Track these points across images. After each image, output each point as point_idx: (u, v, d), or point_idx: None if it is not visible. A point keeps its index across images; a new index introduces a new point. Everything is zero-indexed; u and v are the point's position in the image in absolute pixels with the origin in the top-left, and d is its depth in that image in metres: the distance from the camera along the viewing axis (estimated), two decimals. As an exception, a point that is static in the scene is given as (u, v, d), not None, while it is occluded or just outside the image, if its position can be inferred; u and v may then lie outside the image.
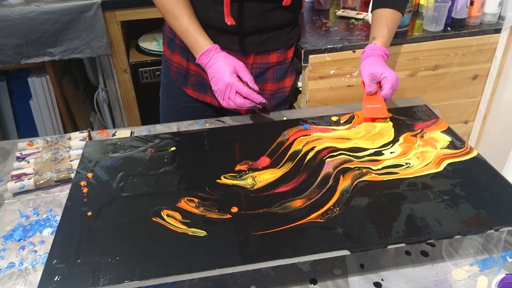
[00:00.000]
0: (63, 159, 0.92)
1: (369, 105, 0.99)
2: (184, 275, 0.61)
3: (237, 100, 0.95)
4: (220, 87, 0.96)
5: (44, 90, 1.84)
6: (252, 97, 0.94)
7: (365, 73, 0.99)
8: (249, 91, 0.94)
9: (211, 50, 0.98)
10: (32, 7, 1.60)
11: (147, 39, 2.01)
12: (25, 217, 0.81)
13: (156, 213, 0.72)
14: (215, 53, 0.98)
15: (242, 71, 0.97)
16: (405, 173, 0.80)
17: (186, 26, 0.99)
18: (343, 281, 0.69)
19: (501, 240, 0.71)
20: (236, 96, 0.95)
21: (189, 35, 0.99)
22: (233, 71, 0.96)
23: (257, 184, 0.78)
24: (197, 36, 0.99)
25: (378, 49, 1.02)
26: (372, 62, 1.00)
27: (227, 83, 0.94)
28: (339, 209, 0.72)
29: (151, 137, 0.94)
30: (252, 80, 0.97)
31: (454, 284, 0.68)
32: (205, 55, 0.98)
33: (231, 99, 0.95)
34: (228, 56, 0.99)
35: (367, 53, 1.03)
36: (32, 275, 0.69)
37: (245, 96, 0.95)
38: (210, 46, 0.99)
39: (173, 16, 1.00)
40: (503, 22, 1.36)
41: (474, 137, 1.58)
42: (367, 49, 1.04)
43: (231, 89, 0.95)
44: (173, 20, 1.01)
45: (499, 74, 1.42)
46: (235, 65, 0.97)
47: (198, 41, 0.99)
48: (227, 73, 0.95)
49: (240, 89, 0.94)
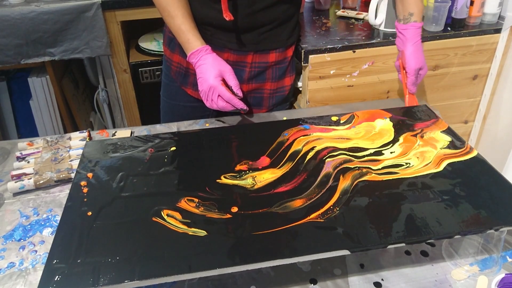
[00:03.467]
0: (63, 159, 0.92)
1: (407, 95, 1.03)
2: (184, 275, 0.61)
3: (219, 103, 0.97)
4: (204, 88, 0.98)
5: (44, 90, 1.84)
6: (233, 103, 0.96)
7: (412, 65, 0.97)
8: (230, 97, 0.96)
9: (201, 50, 1.00)
10: (32, 7, 1.60)
11: (147, 39, 2.01)
12: (25, 217, 0.81)
13: (156, 213, 0.72)
14: (205, 54, 0.99)
15: (228, 75, 0.98)
16: (405, 173, 0.80)
17: (179, 25, 1.00)
18: (343, 281, 0.69)
19: (501, 240, 0.71)
20: (218, 99, 0.97)
21: (182, 34, 1.01)
22: (218, 74, 0.97)
23: (257, 184, 0.78)
24: (189, 36, 1.00)
25: (419, 28, 0.97)
26: (417, 49, 0.96)
27: (210, 85, 0.96)
28: (339, 209, 0.72)
29: (151, 137, 0.94)
30: (237, 85, 0.98)
31: (454, 284, 0.68)
32: (195, 55, 1.00)
33: (213, 101, 0.98)
34: (217, 59, 1.00)
35: (412, 35, 0.97)
36: (32, 275, 0.69)
37: (227, 101, 0.96)
38: (201, 47, 1.00)
39: (168, 15, 1.01)
40: (503, 22, 1.36)
41: (474, 137, 1.58)
42: (410, 28, 0.98)
43: (213, 92, 0.97)
44: (168, 19, 1.02)
45: (499, 74, 1.42)
46: (222, 69, 0.98)
47: (190, 41, 1.00)
48: (212, 75, 0.97)
49: (222, 93, 0.96)
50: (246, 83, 1.12)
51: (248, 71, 1.11)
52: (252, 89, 1.14)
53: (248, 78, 1.12)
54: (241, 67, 1.10)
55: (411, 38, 0.99)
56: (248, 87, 1.13)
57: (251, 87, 1.14)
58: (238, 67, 1.10)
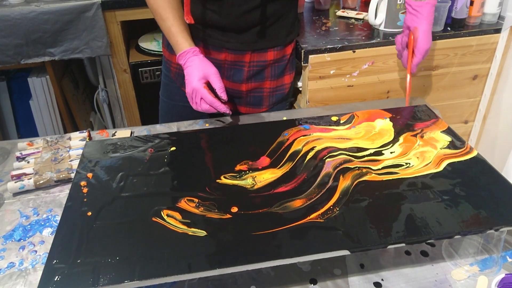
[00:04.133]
0: (63, 159, 0.92)
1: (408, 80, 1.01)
2: (184, 275, 0.61)
3: (203, 106, 0.98)
4: (188, 90, 0.99)
5: (44, 90, 1.84)
6: (215, 106, 0.97)
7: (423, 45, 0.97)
8: (212, 100, 0.96)
9: (189, 52, 1.00)
10: (32, 7, 1.60)
11: (147, 39, 2.01)
12: (25, 217, 0.81)
13: (156, 213, 0.72)
14: (192, 56, 1.00)
15: (213, 78, 0.98)
16: (405, 173, 0.80)
17: (170, 27, 1.01)
18: (343, 281, 0.69)
19: (501, 240, 0.71)
20: (201, 102, 0.98)
21: (172, 36, 1.02)
22: (202, 76, 0.98)
23: (257, 184, 0.78)
24: (179, 37, 1.01)
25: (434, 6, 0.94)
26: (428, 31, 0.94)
27: (193, 88, 0.97)
28: (339, 209, 0.72)
29: (151, 137, 0.94)
30: (222, 88, 0.98)
31: (454, 284, 0.68)
32: (182, 56, 1.01)
33: (197, 104, 0.98)
34: (203, 61, 1.00)
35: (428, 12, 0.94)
36: (32, 275, 0.69)
37: (209, 104, 0.97)
38: (188, 48, 1.00)
39: (160, 17, 1.02)
40: (503, 22, 1.36)
41: (474, 137, 1.58)
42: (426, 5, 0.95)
43: (196, 95, 0.98)
44: (159, 21, 1.04)
45: (499, 74, 1.42)
46: (207, 71, 0.98)
47: (179, 42, 1.01)
48: (195, 78, 0.97)
49: (205, 96, 0.97)
50: (245, 83, 1.12)
51: (246, 71, 1.11)
52: (251, 88, 1.14)
53: (247, 78, 1.12)
54: (239, 67, 1.10)
55: (427, 16, 0.95)
56: (248, 86, 1.13)
57: (251, 86, 1.13)
58: (237, 66, 1.10)
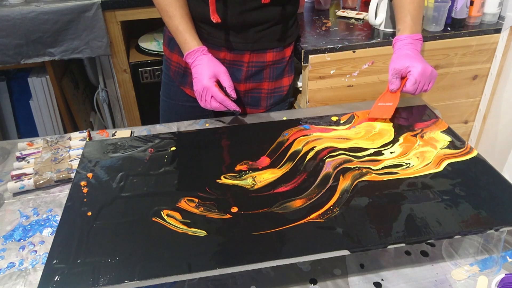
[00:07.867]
0: (63, 159, 0.92)
1: (381, 103, 0.97)
2: (184, 275, 0.61)
3: (213, 104, 0.98)
4: (198, 88, 1.00)
5: (44, 90, 1.84)
6: (225, 104, 0.98)
7: (390, 69, 0.97)
8: (223, 98, 0.97)
9: (197, 51, 1.01)
10: (32, 7, 1.60)
11: (147, 39, 2.01)
12: (25, 217, 0.81)
13: (156, 213, 0.72)
14: (201, 55, 1.01)
15: (222, 76, 0.99)
16: (405, 173, 0.80)
17: (177, 25, 1.02)
18: (343, 281, 0.69)
19: (501, 240, 0.71)
20: (211, 100, 0.98)
21: (180, 34, 1.02)
22: (213, 75, 0.98)
23: (257, 184, 0.78)
24: (187, 36, 1.02)
25: (405, 39, 0.98)
26: (399, 56, 0.97)
27: (204, 86, 0.98)
28: (339, 209, 0.72)
29: (151, 137, 0.94)
30: (231, 86, 1.00)
31: (454, 284, 0.68)
32: (191, 55, 1.01)
33: (207, 102, 0.99)
34: (212, 60, 1.01)
35: (395, 47, 1.00)
36: (32, 275, 0.69)
37: (219, 102, 0.98)
38: (197, 47, 1.01)
39: (167, 15, 1.02)
40: (503, 22, 1.36)
41: (474, 137, 1.58)
42: (394, 42, 1.01)
43: (207, 93, 0.98)
44: (166, 19, 1.04)
45: (499, 74, 1.42)
46: (216, 70, 0.99)
47: (187, 41, 1.02)
48: (206, 76, 0.98)
49: (215, 94, 0.97)
50: (243, 83, 1.12)
51: (245, 71, 1.11)
52: (249, 88, 1.14)
53: (245, 78, 1.12)
54: (238, 67, 1.10)
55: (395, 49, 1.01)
56: (245, 86, 1.13)
57: (248, 87, 1.13)
58: (235, 66, 1.10)
